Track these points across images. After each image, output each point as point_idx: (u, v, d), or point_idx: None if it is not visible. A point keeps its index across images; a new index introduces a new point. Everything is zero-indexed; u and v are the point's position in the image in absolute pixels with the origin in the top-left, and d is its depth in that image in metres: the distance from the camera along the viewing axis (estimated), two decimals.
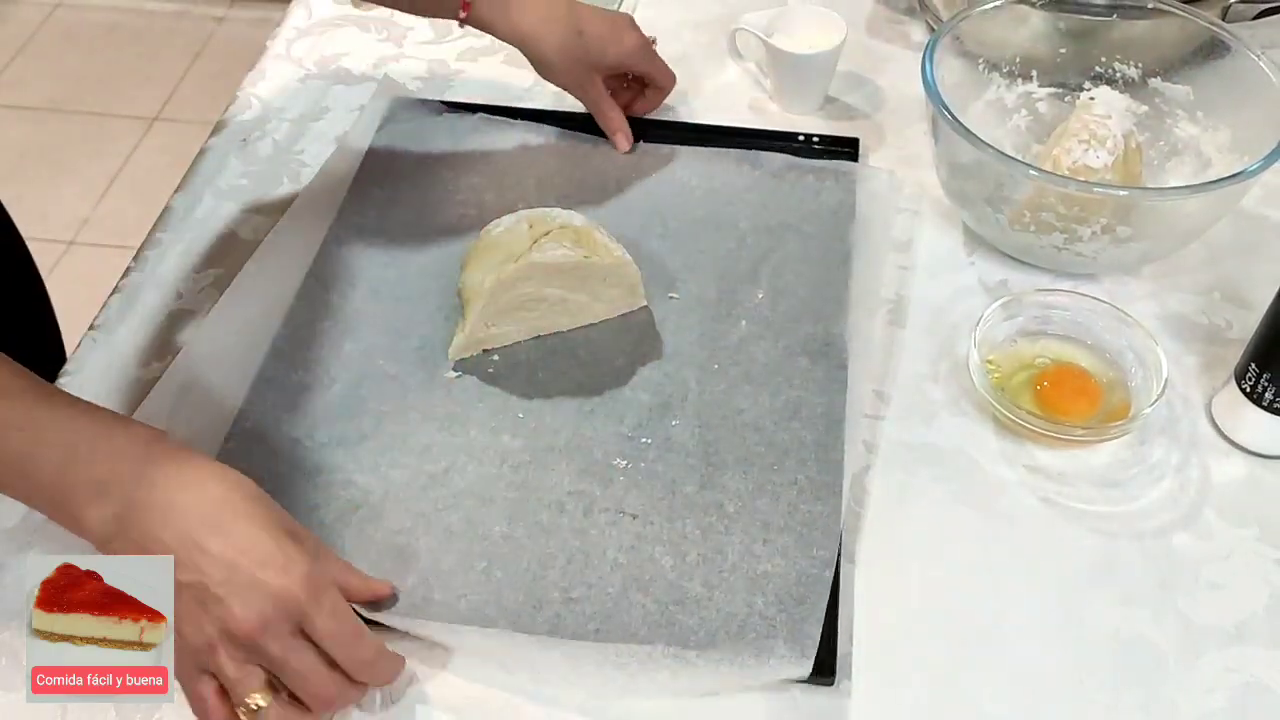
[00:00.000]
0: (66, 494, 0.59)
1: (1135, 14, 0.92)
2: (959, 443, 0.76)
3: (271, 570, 0.58)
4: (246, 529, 0.59)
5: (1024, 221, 0.83)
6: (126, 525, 0.58)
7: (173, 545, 0.58)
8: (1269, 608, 0.68)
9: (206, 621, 0.58)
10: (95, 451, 0.59)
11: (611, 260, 0.79)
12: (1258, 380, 0.72)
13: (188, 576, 0.58)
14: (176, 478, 0.60)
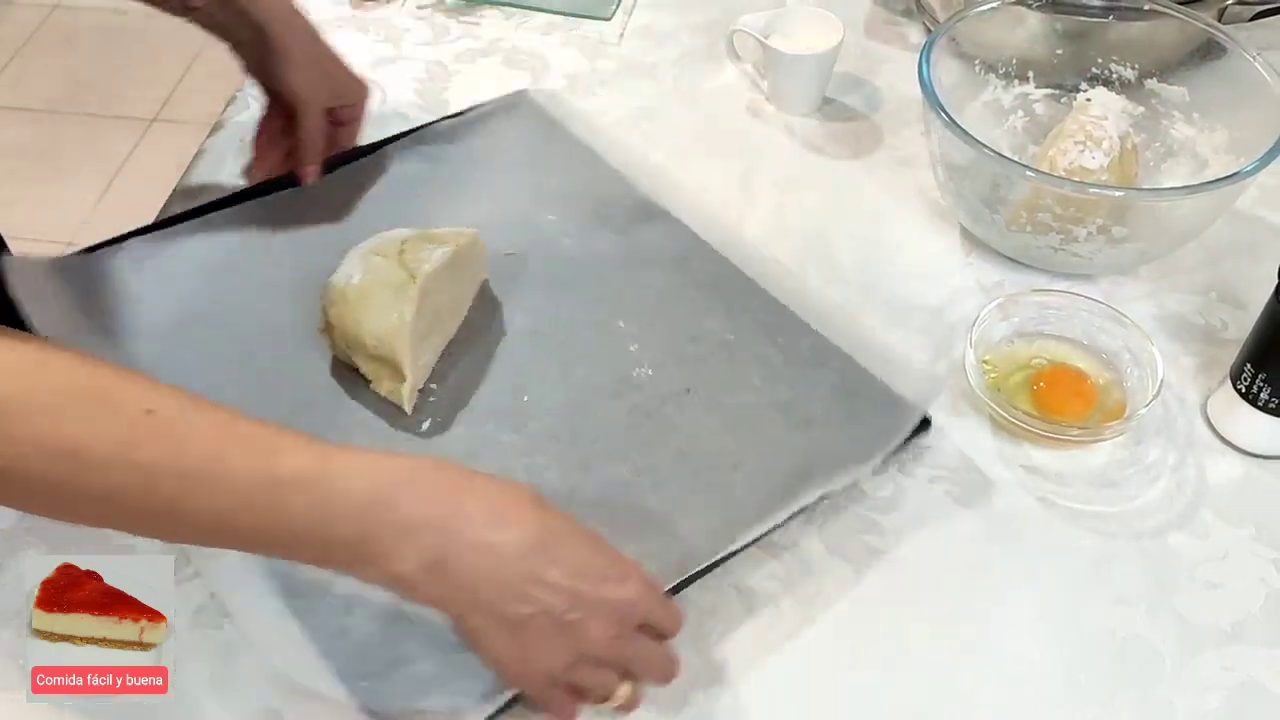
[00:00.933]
0: (368, 541, 0.55)
1: (1132, 15, 0.92)
2: (956, 443, 0.76)
3: (611, 584, 0.59)
4: (573, 550, 0.59)
5: (1020, 222, 0.83)
6: (443, 570, 0.56)
7: (511, 583, 0.57)
8: (1265, 607, 0.68)
9: (562, 646, 0.58)
10: (397, 495, 0.56)
11: (467, 239, 0.80)
12: (1253, 380, 0.72)
13: (530, 609, 0.57)
14: (484, 514, 0.58)
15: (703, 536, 0.68)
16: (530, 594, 0.57)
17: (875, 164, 0.96)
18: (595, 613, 0.58)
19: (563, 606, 0.58)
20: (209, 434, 0.55)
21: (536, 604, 0.57)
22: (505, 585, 0.57)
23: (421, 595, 0.57)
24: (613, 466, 0.73)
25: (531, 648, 0.58)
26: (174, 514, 0.55)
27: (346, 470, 0.56)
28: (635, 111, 1.01)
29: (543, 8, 1.12)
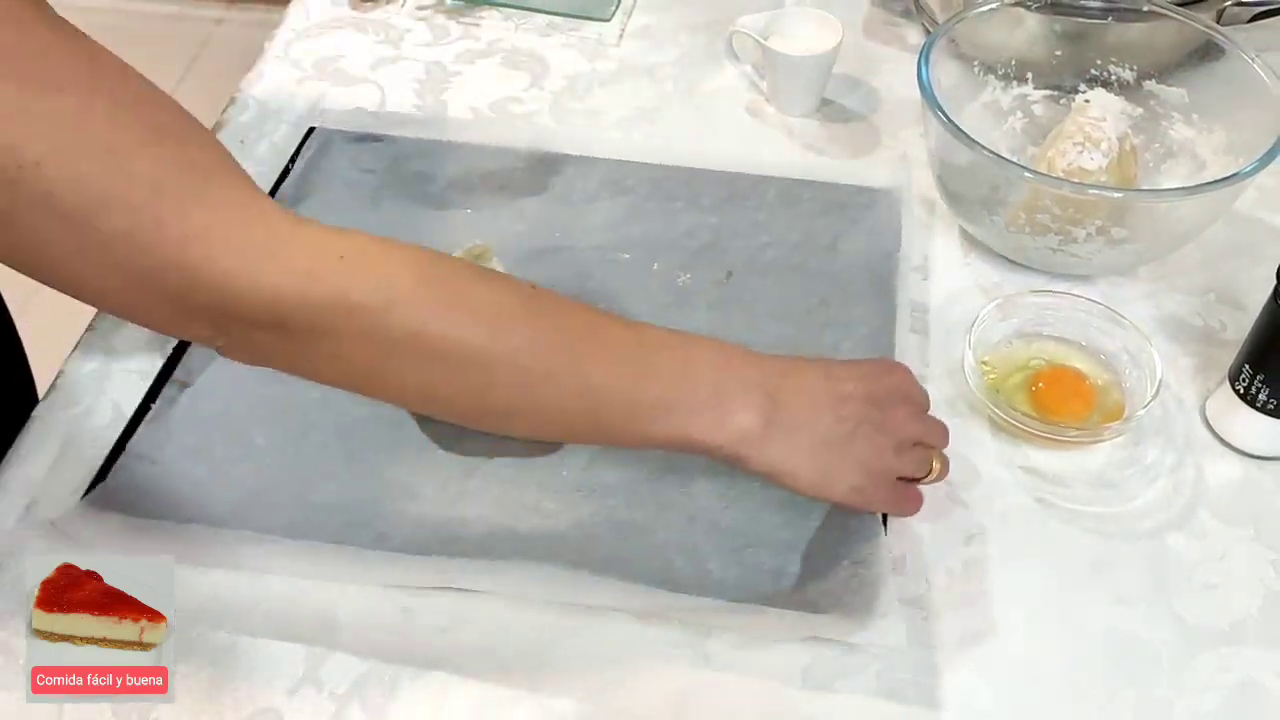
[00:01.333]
0: (720, 396, 0.63)
1: (1130, 17, 0.92)
2: (955, 443, 0.76)
3: (885, 375, 0.69)
4: (842, 367, 0.69)
5: (1019, 223, 0.83)
6: (776, 421, 0.64)
7: (829, 407, 0.65)
8: (1263, 608, 0.68)
9: (885, 442, 0.66)
10: (733, 363, 0.65)
11: (481, 248, 0.80)
12: (1251, 382, 0.73)
13: (851, 423, 0.66)
14: (778, 366, 0.67)
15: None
16: (844, 411, 0.66)
17: (874, 165, 0.96)
18: (891, 401, 0.68)
19: (869, 409, 0.66)
20: (584, 314, 0.65)
21: (853, 416, 0.66)
22: (826, 412, 0.65)
23: (760, 455, 0.64)
24: None
25: (868, 458, 0.66)
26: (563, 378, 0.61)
27: (694, 340, 0.65)
28: (634, 113, 1.01)
29: (542, 9, 1.12)
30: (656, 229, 0.89)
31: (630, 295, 0.84)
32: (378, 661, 0.66)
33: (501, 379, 0.60)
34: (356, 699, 0.64)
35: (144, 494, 0.72)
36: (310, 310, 0.56)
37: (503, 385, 0.60)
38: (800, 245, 0.87)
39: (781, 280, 0.85)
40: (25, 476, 0.74)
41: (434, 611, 0.67)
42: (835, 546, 0.69)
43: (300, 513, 0.71)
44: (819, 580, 0.68)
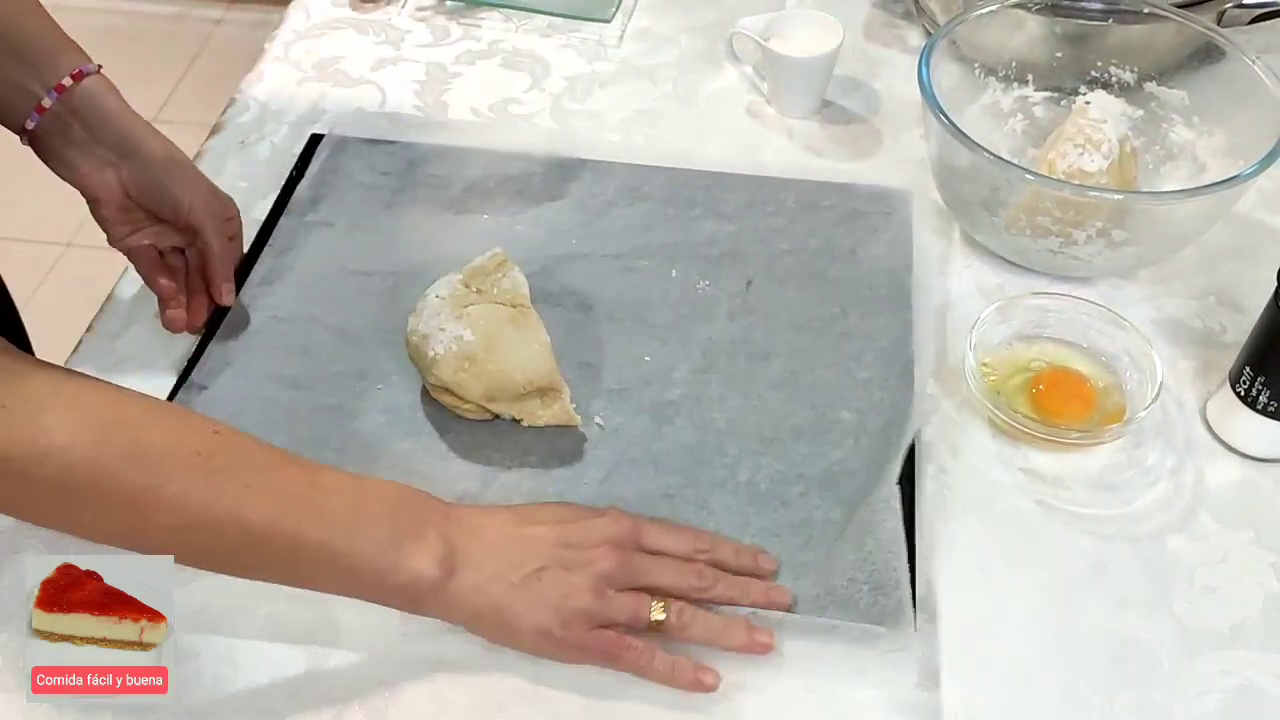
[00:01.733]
0: (393, 551, 0.61)
1: (1131, 19, 0.92)
2: (955, 445, 0.76)
3: (591, 518, 0.66)
4: (546, 510, 0.67)
5: (1020, 225, 0.83)
6: (453, 564, 0.62)
7: (511, 548, 0.63)
8: (1264, 611, 0.68)
9: (580, 581, 0.63)
10: (411, 506, 0.63)
11: (501, 256, 0.78)
12: (1252, 384, 0.73)
13: (536, 563, 0.63)
14: (470, 512, 0.65)
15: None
16: (529, 551, 0.63)
17: (875, 166, 0.96)
18: (590, 539, 0.65)
19: (560, 549, 0.64)
20: (264, 456, 0.62)
21: (539, 557, 0.63)
22: (507, 553, 0.63)
23: (436, 603, 0.62)
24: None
25: (556, 600, 0.63)
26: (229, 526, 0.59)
27: (372, 484, 0.63)
28: (634, 114, 1.01)
29: (542, 10, 1.12)
30: (675, 236, 0.89)
31: (649, 303, 0.84)
32: (378, 663, 0.66)
33: (162, 522, 0.59)
34: (357, 701, 0.64)
35: None
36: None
37: (161, 529, 0.59)
38: (820, 252, 0.87)
39: (802, 288, 0.85)
40: None
41: None
42: (854, 570, 0.68)
43: None
44: (838, 604, 0.67)
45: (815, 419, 0.76)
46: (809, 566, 0.69)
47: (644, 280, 0.85)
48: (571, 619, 0.63)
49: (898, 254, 0.87)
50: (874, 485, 0.72)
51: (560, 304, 0.84)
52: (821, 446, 0.75)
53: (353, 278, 0.86)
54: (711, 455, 0.75)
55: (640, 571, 0.65)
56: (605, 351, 0.81)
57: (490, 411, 0.75)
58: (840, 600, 0.67)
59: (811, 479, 0.73)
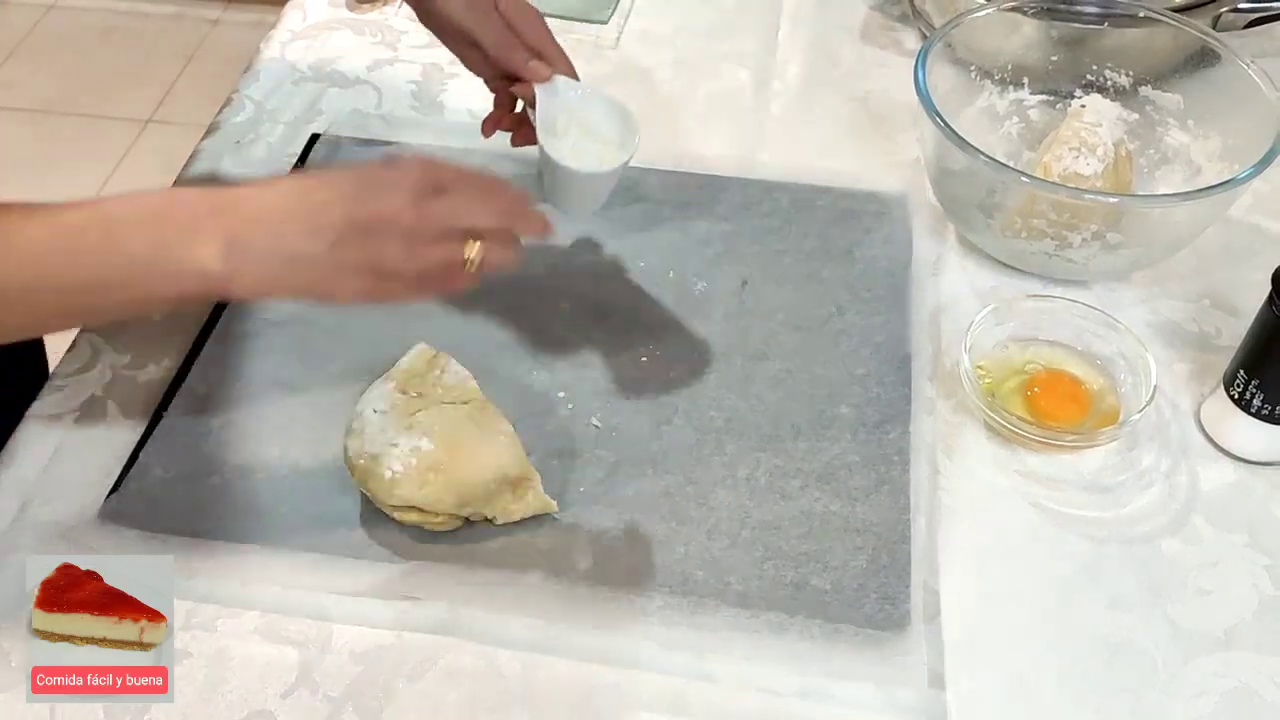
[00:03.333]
0: (164, 264, 0.59)
1: (1126, 22, 0.93)
2: (950, 447, 0.76)
3: (378, 170, 0.64)
4: (330, 174, 0.65)
5: (1015, 228, 0.83)
6: (240, 246, 0.59)
7: (298, 220, 0.60)
8: (1257, 613, 0.68)
9: (387, 247, 0.61)
10: (168, 213, 0.60)
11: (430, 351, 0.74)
12: (1246, 387, 0.73)
13: (330, 238, 0.60)
14: (239, 193, 0.62)
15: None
16: (322, 223, 0.60)
17: (870, 169, 0.96)
18: (386, 197, 0.61)
19: (356, 213, 0.60)
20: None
21: (332, 229, 0.60)
22: (297, 232, 0.60)
23: (239, 289, 0.60)
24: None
25: (366, 266, 0.61)
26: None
27: (121, 199, 0.60)
28: None
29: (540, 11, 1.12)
30: (672, 236, 0.89)
31: (646, 303, 0.84)
32: (372, 664, 0.66)
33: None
34: (350, 702, 0.64)
35: (157, 504, 0.72)
36: None
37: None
38: (816, 253, 0.88)
39: (798, 288, 0.85)
40: (18, 477, 0.73)
41: (428, 615, 0.67)
42: (865, 577, 0.68)
43: (317, 527, 0.71)
44: (842, 599, 0.67)
45: (813, 415, 0.77)
46: (809, 557, 0.69)
47: (641, 281, 0.86)
48: (387, 281, 0.62)
49: (894, 254, 0.87)
50: (873, 480, 0.73)
51: (557, 305, 0.84)
52: (820, 442, 0.75)
53: None
54: (710, 453, 0.75)
55: (445, 217, 0.63)
56: (603, 352, 0.81)
57: (460, 518, 0.70)
58: (848, 601, 0.67)
59: (810, 474, 0.73)
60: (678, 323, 0.83)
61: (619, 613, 0.67)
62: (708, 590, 0.68)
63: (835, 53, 1.08)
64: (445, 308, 0.84)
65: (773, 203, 0.91)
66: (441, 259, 0.63)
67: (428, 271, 0.63)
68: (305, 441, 0.75)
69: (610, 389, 0.78)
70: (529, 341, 0.81)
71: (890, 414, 0.76)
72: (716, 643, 0.66)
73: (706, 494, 0.73)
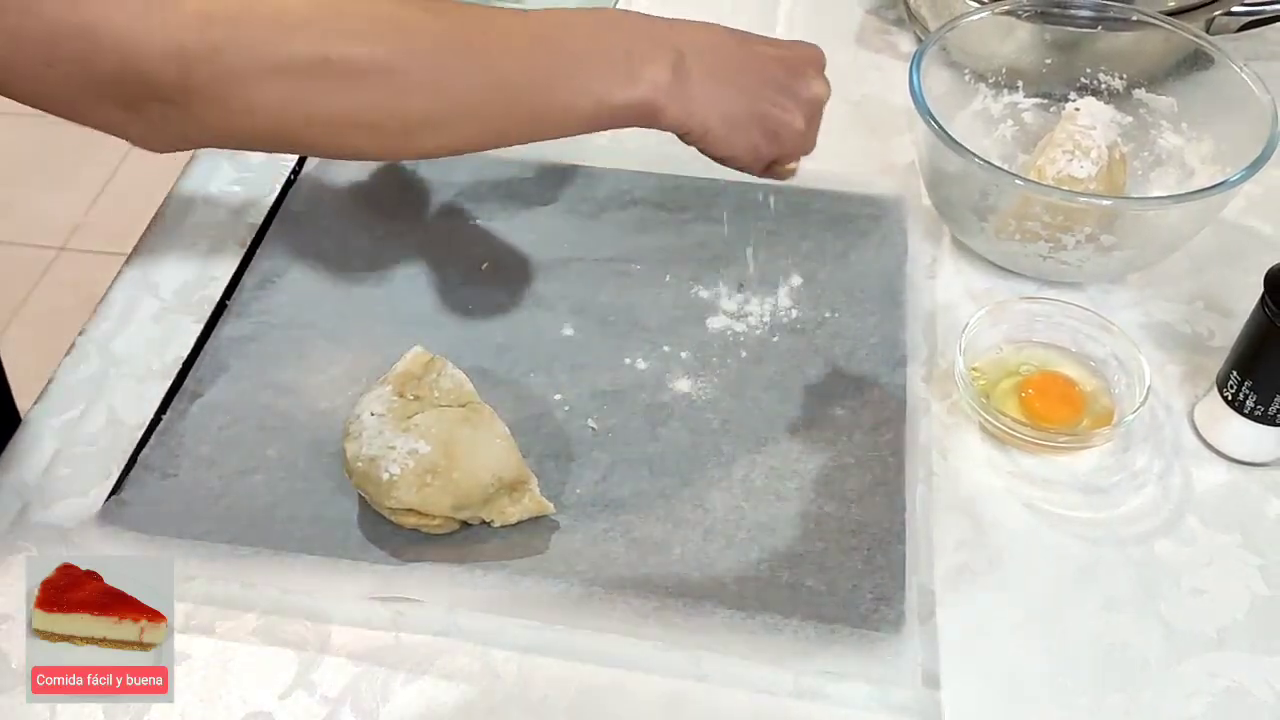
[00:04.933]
0: (626, 65, 0.65)
1: (1120, 26, 0.93)
2: (945, 448, 0.76)
3: (802, 47, 0.76)
4: (759, 36, 0.74)
5: (1009, 230, 0.84)
6: (685, 67, 0.66)
7: (737, 61, 0.69)
8: (1250, 614, 0.69)
9: (794, 108, 0.72)
10: (639, 22, 0.68)
11: (425, 354, 0.74)
12: (1239, 388, 0.73)
13: (755, 85, 0.70)
14: (684, 24, 0.70)
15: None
16: (754, 68, 0.70)
17: (865, 172, 0.96)
18: (804, 70, 0.73)
19: (781, 72, 0.71)
20: (480, 9, 0.65)
21: (763, 76, 0.70)
22: (737, 69, 0.69)
23: (673, 107, 0.67)
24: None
25: (775, 124, 0.71)
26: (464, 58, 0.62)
27: (597, 11, 0.68)
28: None
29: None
30: (667, 240, 0.89)
31: (642, 307, 0.84)
32: (369, 665, 0.66)
33: (414, 85, 0.61)
34: (348, 703, 0.64)
35: (157, 506, 0.72)
36: (212, 54, 0.55)
37: (416, 93, 0.61)
38: (811, 255, 0.88)
39: (794, 291, 0.85)
40: (18, 481, 0.74)
41: (425, 617, 0.68)
42: (859, 579, 0.68)
43: (316, 529, 0.71)
44: (837, 600, 0.68)
45: (808, 417, 0.77)
46: (805, 559, 0.69)
47: (636, 284, 0.86)
48: (783, 142, 0.72)
49: (889, 256, 0.88)
50: (868, 481, 0.73)
51: (553, 308, 0.84)
52: (815, 444, 0.75)
53: (345, 282, 0.86)
54: (707, 455, 0.75)
55: (811, 92, 0.73)
56: (599, 354, 0.81)
57: (457, 520, 0.71)
58: (843, 602, 0.67)
59: (806, 475, 0.74)
60: (673, 325, 0.83)
61: (616, 614, 0.67)
62: (704, 591, 0.68)
63: (830, 56, 1.06)
64: (442, 311, 0.84)
65: (768, 206, 0.92)
66: (805, 128, 0.73)
67: (812, 139, 0.74)
68: (303, 444, 0.75)
69: (606, 391, 0.79)
70: (525, 344, 0.82)
71: (885, 416, 0.77)
72: (713, 643, 0.66)
73: (702, 496, 0.73)
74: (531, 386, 0.79)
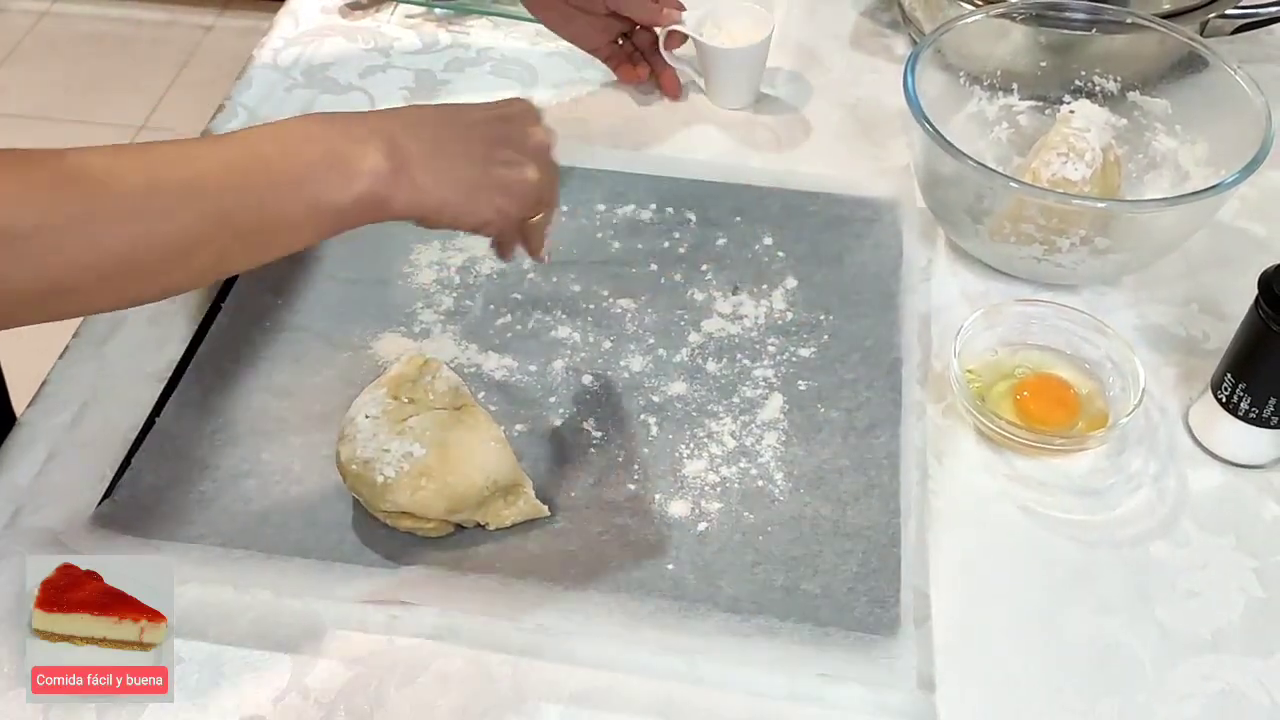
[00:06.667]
0: (341, 164, 0.61)
1: (1115, 28, 0.93)
2: (940, 451, 0.76)
3: (509, 104, 0.73)
4: (466, 104, 0.71)
5: (1004, 233, 0.84)
6: (400, 151, 0.63)
7: (454, 132, 0.67)
8: (1245, 616, 0.69)
9: (525, 166, 0.69)
10: (334, 123, 0.64)
11: (420, 358, 0.73)
12: (1233, 391, 0.73)
13: (480, 149, 0.67)
14: (393, 110, 0.68)
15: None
16: (475, 135, 0.68)
17: (860, 174, 0.96)
18: (522, 121, 0.71)
19: (501, 127, 0.70)
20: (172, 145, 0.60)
21: (486, 138, 0.68)
22: (456, 139, 0.67)
23: (400, 194, 0.63)
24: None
25: (509, 179, 0.68)
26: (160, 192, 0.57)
27: (285, 122, 0.63)
28: (622, 122, 1.01)
29: (532, 17, 1.12)
30: (663, 242, 0.89)
31: (637, 309, 0.84)
32: (363, 669, 0.66)
33: (109, 235, 0.55)
34: (342, 707, 0.64)
35: (151, 510, 0.72)
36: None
37: (110, 242, 0.55)
38: (806, 258, 0.88)
39: (789, 293, 0.85)
40: (10, 484, 0.74)
41: (420, 620, 0.68)
42: (855, 581, 0.68)
43: (310, 532, 0.71)
44: (832, 603, 0.67)
45: (803, 420, 0.77)
46: (800, 562, 0.69)
47: (632, 286, 0.86)
48: (522, 195, 0.69)
49: (884, 259, 0.88)
50: (863, 484, 0.73)
51: (549, 310, 0.84)
52: (810, 446, 0.75)
53: (340, 285, 0.86)
54: (702, 458, 0.75)
55: (526, 138, 0.71)
56: (593, 357, 0.81)
57: (452, 523, 0.71)
58: (838, 605, 0.67)
59: (800, 478, 0.74)
60: (668, 328, 0.83)
61: (611, 618, 0.67)
62: (699, 595, 0.68)
63: (826, 59, 1.08)
64: (436, 314, 0.84)
65: (763, 209, 0.92)
66: (541, 177, 0.70)
67: (555, 189, 0.71)
68: (297, 447, 0.75)
69: (601, 394, 0.79)
70: (519, 347, 0.82)
71: (880, 418, 0.77)
72: (707, 646, 0.66)
73: (697, 498, 0.73)
74: (526, 389, 0.79)
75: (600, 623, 0.67)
